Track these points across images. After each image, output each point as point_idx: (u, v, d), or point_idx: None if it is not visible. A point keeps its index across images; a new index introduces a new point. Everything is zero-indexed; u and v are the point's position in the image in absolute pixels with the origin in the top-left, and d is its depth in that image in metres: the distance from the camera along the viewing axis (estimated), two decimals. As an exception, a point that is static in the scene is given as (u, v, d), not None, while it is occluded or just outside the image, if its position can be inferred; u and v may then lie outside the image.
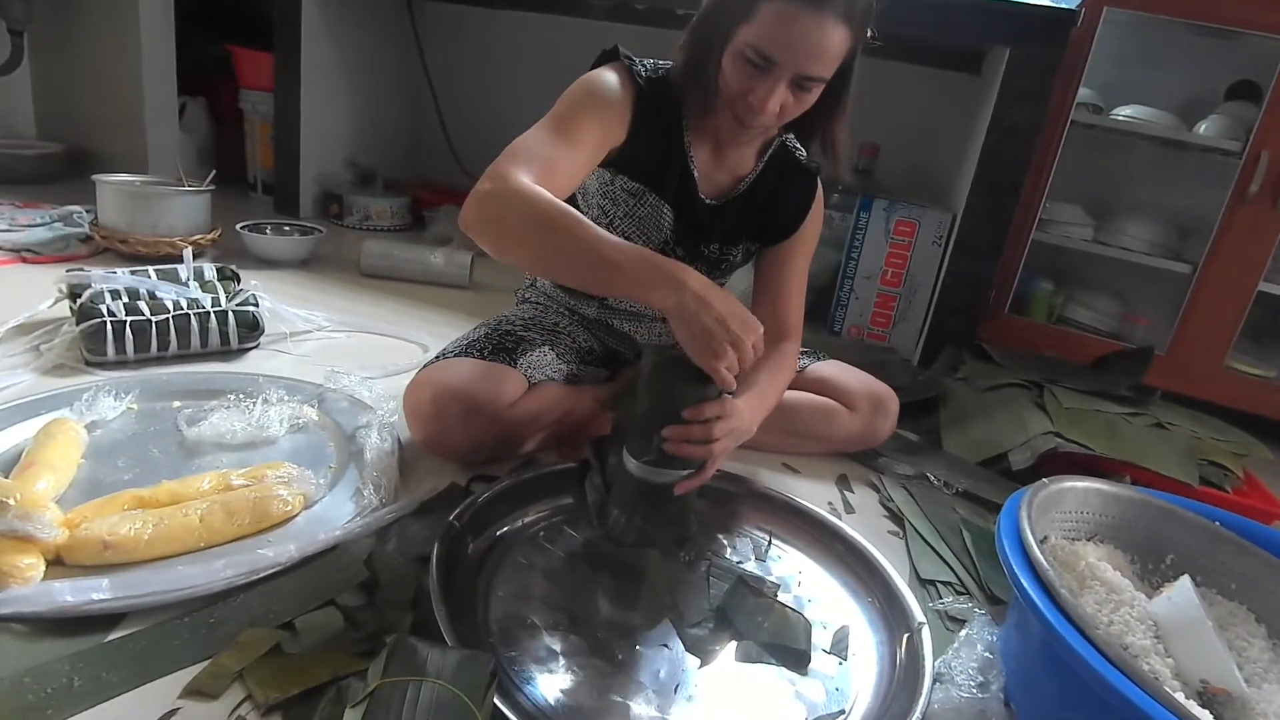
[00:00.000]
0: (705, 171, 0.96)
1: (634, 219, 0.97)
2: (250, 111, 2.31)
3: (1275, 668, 0.73)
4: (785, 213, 1.02)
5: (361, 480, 0.87)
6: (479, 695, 0.57)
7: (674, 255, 1.01)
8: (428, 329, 1.45)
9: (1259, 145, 1.55)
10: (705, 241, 1.01)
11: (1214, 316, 1.65)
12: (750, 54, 0.79)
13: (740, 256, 1.06)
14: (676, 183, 0.95)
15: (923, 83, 2.05)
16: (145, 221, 1.61)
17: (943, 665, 0.72)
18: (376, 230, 2.23)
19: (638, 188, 0.95)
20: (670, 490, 0.78)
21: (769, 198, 1.00)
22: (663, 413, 0.75)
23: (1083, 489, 0.83)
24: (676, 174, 0.94)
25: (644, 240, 0.99)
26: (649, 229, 0.98)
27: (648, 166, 0.93)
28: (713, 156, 0.96)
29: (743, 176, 0.99)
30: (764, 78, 0.80)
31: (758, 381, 0.91)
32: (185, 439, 0.94)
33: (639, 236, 0.98)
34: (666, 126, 0.93)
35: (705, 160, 0.96)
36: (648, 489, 0.78)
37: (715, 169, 0.97)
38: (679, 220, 0.98)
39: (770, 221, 1.02)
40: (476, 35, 2.48)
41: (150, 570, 0.70)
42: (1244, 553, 0.81)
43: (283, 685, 0.60)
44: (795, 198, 1.01)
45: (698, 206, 0.97)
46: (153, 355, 1.15)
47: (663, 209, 0.96)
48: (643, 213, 0.97)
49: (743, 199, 0.99)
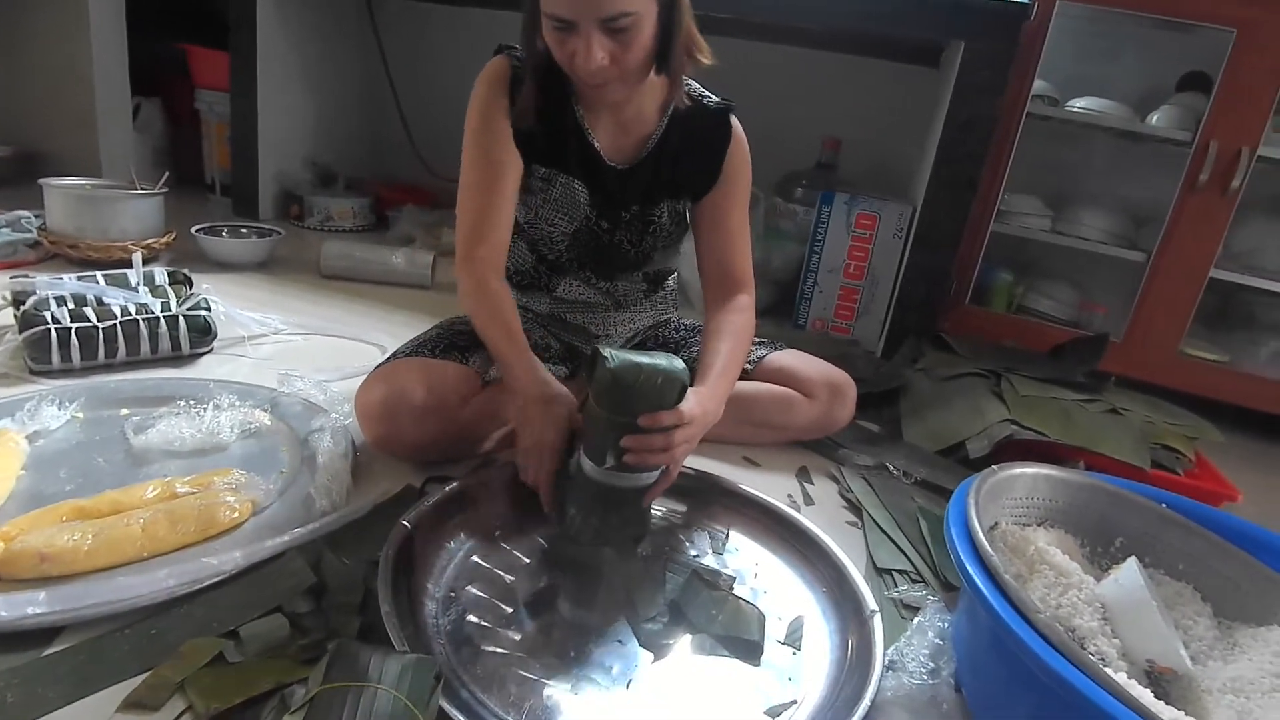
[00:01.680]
0: (609, 139, 0.97)
1: (551, 203, 0.99)
2: (207, 112, 2.27)
3: (1220, 645, 0.75)
4: (698, 162, 1.01)
5: (313, 485, 0.86)
6: (423, 700, 0.56)
7: (598, 228, 1.02)
8: (389, 330, 1.43)
9: (1208, 135, 1.59)
10: (624, 206, 1.01)
11: (1168, 303, 1.69)
12: (553, 22, 0.81)
13: (666, 216, 1.04)
14: (580, 156, 0.96)
15: (883, 77, 2.06)
16: (95, 226, 1.57)
17: (895, 653, 0.72)
18: (338, 231, 2.20)
19: (547, 172, 0.97)
20: (629, 494, 0.78)
21: (680, 150, 1.00)
22: (620, 422, 0.74)
23: (1032, 475, 0.84)
24: (577, 148, 0.96)
25: (567, 221, 1.00)
26: (568, 208, 0.99)
27: (545, 148, 0.95)
28: (613, 123, 0.97)
29: (648, 135, 0.99)
30: (575, 37, 0.81)
31: (718, 358, 0.92)
32: (132, 447, 0.92)
33: (562, 219, 1.00)
34: (555, 106, 0.94)
35: (605, 128, 0.97)
36: (606, 491, 0.78)
37: (619, 134, 0.98)
38: (593, 193, 0.99)
39: (685, 173, 1.01)
40: (438, 31, 2.46)
41: (90, 582, 0.68)
42: (1191, 534, 0.82)
43: (224, 695, 0.59)
44: (706, 145, 1.01)
45: (607, 174, 0.98)
46: (100, 362, 1.12)
47: (573, 185, 0.98)
48: (557, 194, 0.98)
49: (651, 157, 0.99)
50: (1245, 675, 0.69)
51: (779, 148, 1.96)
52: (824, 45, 2.05)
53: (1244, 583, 0.78)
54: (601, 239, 1.03)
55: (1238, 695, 0.67)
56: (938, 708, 0.69)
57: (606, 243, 1.03)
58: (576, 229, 1.01)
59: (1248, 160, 1.56)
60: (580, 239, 1.02)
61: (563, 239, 1.02)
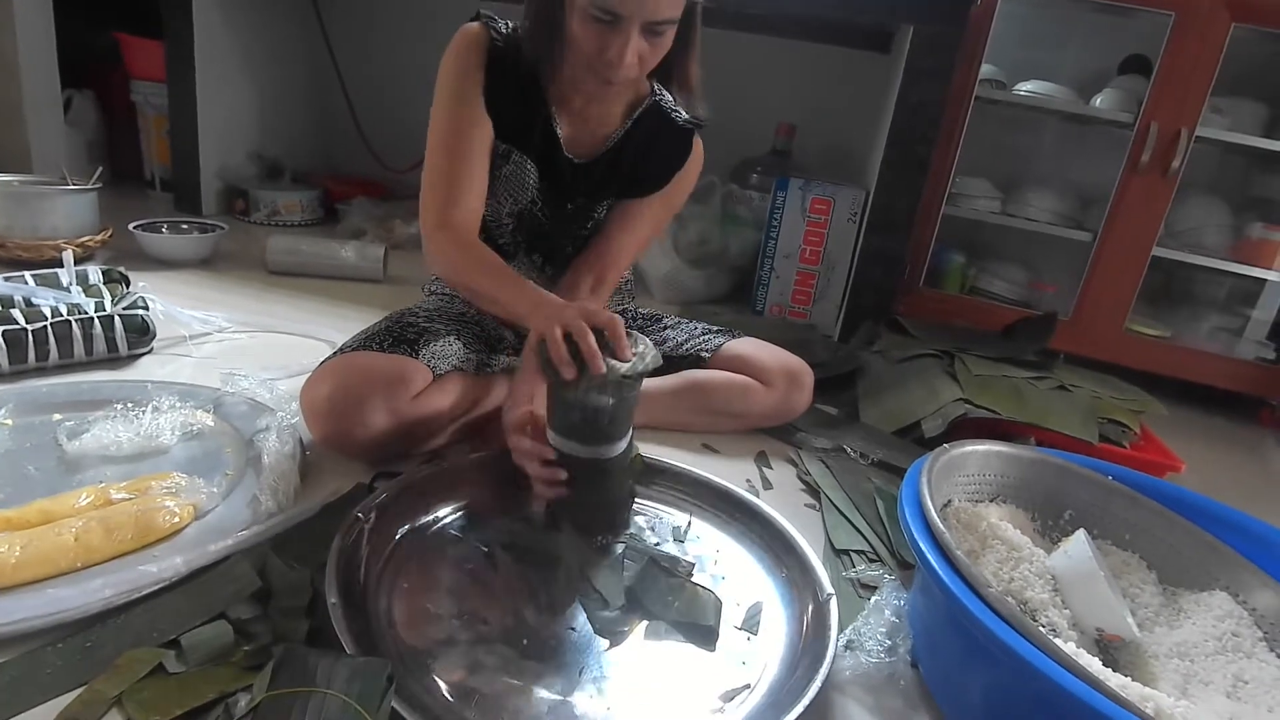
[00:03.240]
0: (571, 130, 0.97)
1: (501, 180, 0.98)
2: (143, 104, 2.18)
3: (1165, 612, 0.77)
4: (652, 171, 1.02)
5: (259, 486, 0.83)
6: (374, 703, 0.55)
7: (538, 215, 1.02)
8: (339, 326, 1.39)
9: (1149, 117, 1.63)
10: (570, 198, 1.02)
11: (1113, 281, 1.73)
12: (596, 12, 0.79)
13: (605, 213, 1.06)
14: (541, 141, 0.96)
15: (835, 62, 2.07)
16: (24, 223, 1.50)
17: (853, 632, 0.73)
18: (286, 225, 2.14)
19: (505, 147, 0.96)
20: (593, 469, 0.79)
21: (637, 156, 1.00)
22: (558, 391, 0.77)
23: (983, 452, 0.85)
24: (540, 132, 0.95)
25: (512, 201, 1.00)
26: (515, 189, 0.98)
27: (510, 125, 0.94)
28: (579, 115, 0.97)
29: (609, 134, 0.99)
30: (615, 33, 0.80)
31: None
32: (65, 454, 0.87)
33: (508, 198, 0.99)
34: (524, 87, 0.93)
35: (570, 119, 0.96)
36: (573, 464, 0.79)
37: (581, 127, 0.98)
38: (543, 179, 0.99)
39: (636, 179, 1.02)
40: (385, 16, 2.40)
41: (18, 596, 0.65)
42: (1136, 504, 0.84)
43: (164, 707, 0.56)
44: (665, 157, 1.02)
45: (563, 164, 0.98)
46: (31, 366, 1.07)
47: (526, 166, 0.97)
48: (508, 171, 0.97)
49: (609, 157, 1.00)
50: (1190, 640, 0.71)
51: (734, 134, 1.96)
52: (777, 31, 2.05)
53: (1186, 550, 0.80)
54: (542, 226, 1.03)
55: (1183, 659, 0.69)
56: (895, 685, 0.70)
57: (545, 231, 1.04)
58: (520, 210, 1.01)
59: (1187, 141, 1.61)
60: (523, 222, 1.02)
61: (508, 220, 1.02)
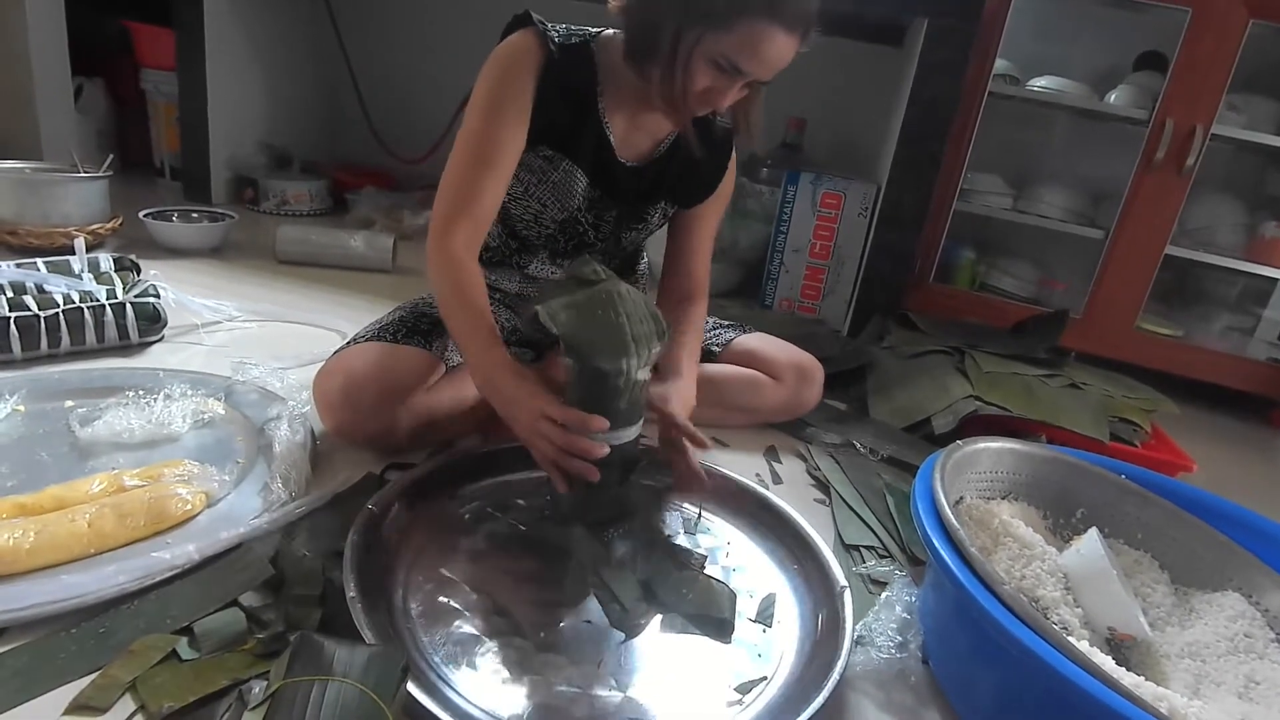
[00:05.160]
0: (623, 136, 0.97)
1: (548, 184, 0.97)
2: (153, 92, 2.18)
3: (1177, 611, 0.77)
4: (705, 173, 1.04)
5: (270, 475, 0.83)
6: (389, 693, 0.55)
7: (580, 224, 1.02)
8: (348, 316, 1.39)
9: (1164, 114, 1.61)
10: (620, 203, 1.02)
11: (1125, 280, 1.72)
12: (722, 62, 0.81)
13: (657, 217, 1.07)
14: (593, 148, 0.95)
15: (847, 56, 2.06)
16: (35, 211, 1.50)
17: (864, 628, 0.73)
18: (295, 215, 2.14)
19: (553, 154, 0.95)
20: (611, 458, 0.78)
21: (687, 161, 1.00)
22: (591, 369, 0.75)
23: (996, 449, 0.85)
24: (592, 140, 0.95)
25: (559, 208, 0.99)
26: (562, 194, 0.98)
27: (561, 133, 0.93)
28: (630, 120, 0.96)
29: (661, 139, 0.99)
30: (729, 82, 0.83)
31: (681, 361, 0.96)
32: (78, 440, 0.88)
33: (554, 203, 0.98)
34: (580, 94, 0.92)
35: (623, 125, 0.96)
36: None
37: (634, 133, 0.97)
38: (593, 186, 0.99)
39: (690, 182, 1.04)
40: (395, 5, 2.39)
41: (32, 581, 0.65)
42: (1148, 504, 0.84)
43: (178, 693, 0.57)
44: (711, 159, 1.02)
45: (616, 170, 0.98)
46: (43, 353, 1.08)
47: (575, 173, 0.96)
48: (556, 178, 0.96)
49: (662, 160, 1.00)
50: (1201, 640, 0.71)
51: (744, 127, 1.95)
52: (788, 24, 2.03)
53: (1199, 549, 0.80)
54: (584, 235, 1.03)
55: (1194, 659, 0.69)
56: (906, 681, 0.70)
57: (589, 240, 1.04)
58: (565, 219, 1.00)
59: (1202, 138, 1.59)
60: (565, 228, 1.02)
61: (551, 224, 1.01)
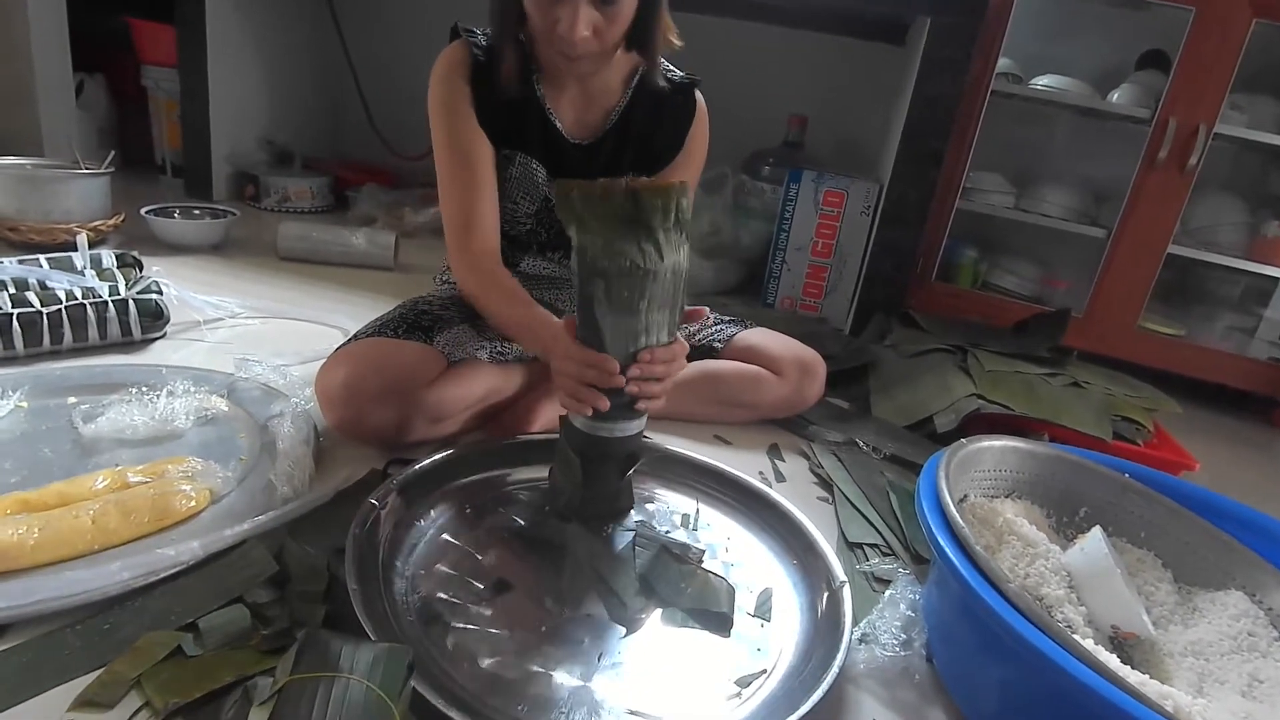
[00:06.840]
0: (572, 114, 0.97)
1: (512, 181, 0.98)
2: (154, 89, 2.17)
3: (1180, 610, 0.77)
4: (665, 135, 1.01)
5: (274, 471, 0.83)
6: (395, 689, 0.55)
7: (552, 212, 1.01)
8: (350, 313, 1.39)
9: (1167, 113, 1.61)
10: None
11: (1127, 278, 1.72)
12: None
13: None
14: (540, 135, 0.95)
15: (849, 54, 2.06)
16: (37, 207, 1.50)
17: (867, 625, 0.72)
18: (296, 212, 2.14)
19: (508, 152, 0.96)
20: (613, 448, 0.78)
21: (646, 124, 0.99)
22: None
23: (1000, 448, 0.85)
24: (538, 126, 0.95)
25: (529, 201, 1.00)
26: (528, 188, 0.99)
27: (506, 129, 0.93)
28: (577, 96, 0.96)
29: (612, 107, 0.98)
30: (560, 6, 0.80)
31: None
32: (81, 437, 0.88)
33: (524, 198, 0.99)
34: (512, 88, 0.92)
35: (568, 103, 0.96)
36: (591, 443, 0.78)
37: (583, 109, 0.97)
38: (552, 172, 0.99)
39: (652, 145, 1.01)
40: (396, 3, 2.39)
41: (36, 577, 0.65)
42: (1151, 502, 0.84)
43: (183, 689, 0.57)
44: (672, 119, 1.00)
45: (568, 152, 0.97)
46: (45, 349, 1.08)
47: (531, 164, 0.97)
48: (517, 173, 0.97)
49: (616, 131, 0.99)
50: (1204, 638, 0.71)
51: (746, 125, 1.95)
52: (790, 22, 2.03)
53: (1202, 548, 0.80)
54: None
55: (1198, 658, 0.69)
56: (910, 678, 0.70)
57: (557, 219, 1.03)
58: (538, 209, 1.01)
59: (1205, 137, 1.59)
60: (541, 218, 1.02)
61: (526, 219, 1.01)
